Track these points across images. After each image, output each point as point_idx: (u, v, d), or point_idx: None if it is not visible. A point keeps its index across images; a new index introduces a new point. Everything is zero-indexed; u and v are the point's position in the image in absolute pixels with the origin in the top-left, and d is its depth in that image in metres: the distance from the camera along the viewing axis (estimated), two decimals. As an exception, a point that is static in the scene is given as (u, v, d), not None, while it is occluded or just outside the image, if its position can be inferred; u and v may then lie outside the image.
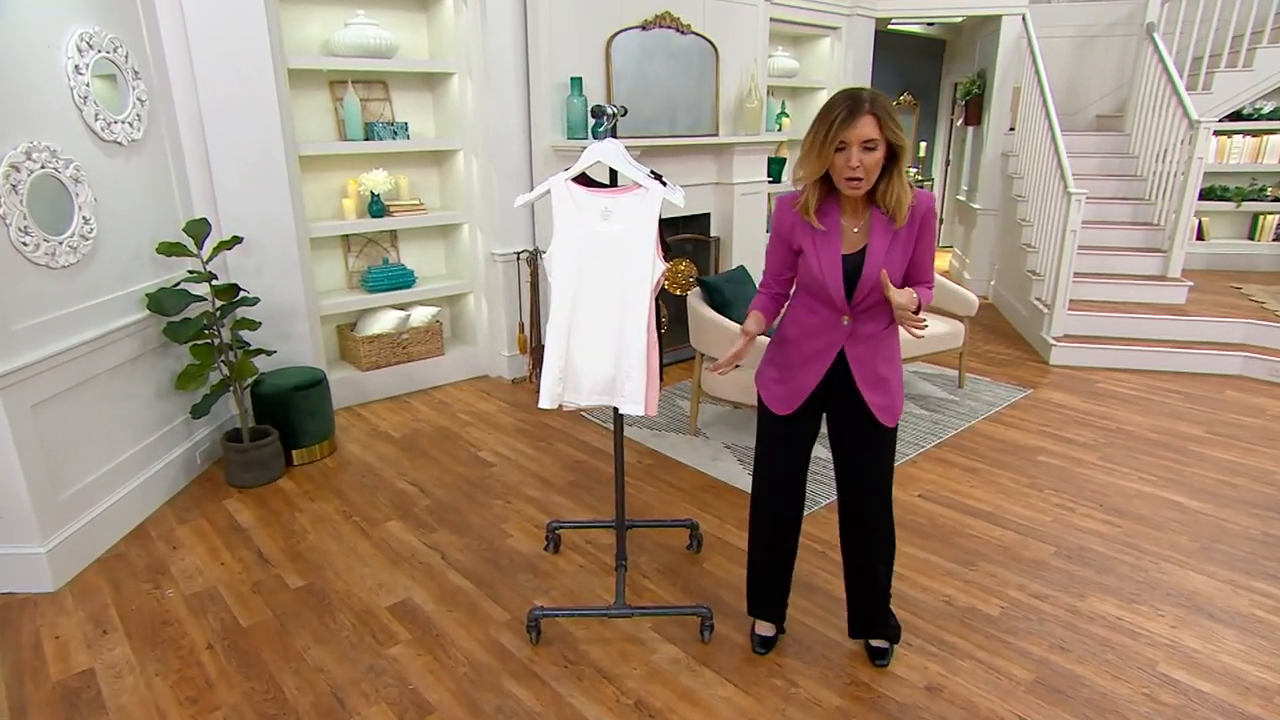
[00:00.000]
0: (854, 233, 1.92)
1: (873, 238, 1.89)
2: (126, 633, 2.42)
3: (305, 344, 3.90)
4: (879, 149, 1.78)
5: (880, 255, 1.88)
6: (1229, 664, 2.26)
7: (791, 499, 2.21)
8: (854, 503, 2.17)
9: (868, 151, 1.77)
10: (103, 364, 2.87)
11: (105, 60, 2.86)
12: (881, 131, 1.77)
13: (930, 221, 1.93)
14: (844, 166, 1.79)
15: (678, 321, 5.04)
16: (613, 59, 4.46)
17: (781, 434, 2.13)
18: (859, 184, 1.81)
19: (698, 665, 2.28)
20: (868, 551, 2.19)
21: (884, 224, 1.89)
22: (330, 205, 4.30)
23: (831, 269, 1.91)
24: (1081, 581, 2.67)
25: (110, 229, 2.92)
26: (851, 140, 1.76)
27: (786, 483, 2.18)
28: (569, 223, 2.02)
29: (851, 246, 1.92)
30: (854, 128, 1.75)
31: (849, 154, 1.78)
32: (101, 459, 2.89)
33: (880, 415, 2.02)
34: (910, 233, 1.90)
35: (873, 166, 1.79)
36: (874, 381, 2.00)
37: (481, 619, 2.49)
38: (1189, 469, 3.53)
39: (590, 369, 2.08)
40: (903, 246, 1.90)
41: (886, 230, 1.89)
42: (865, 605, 2.26)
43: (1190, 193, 5.25)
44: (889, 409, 2.02)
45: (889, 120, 1.77)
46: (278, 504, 3.24)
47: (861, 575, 2.22)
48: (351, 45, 3.94)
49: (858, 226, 1.92)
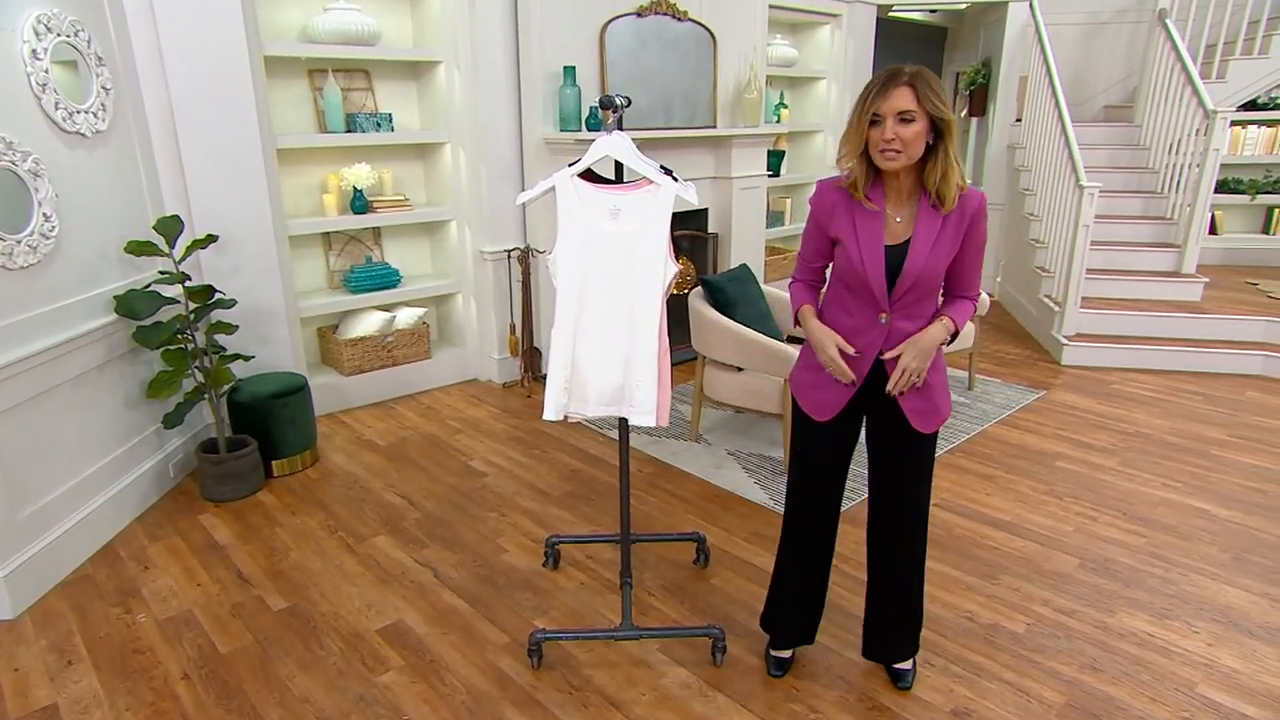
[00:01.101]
0: (897, 222, 1.86)
1: (918, 227, 1.83)
2: (93, 663, 2.31)
3: (285, 348, 3.80)
4: (917, 121, 1.73)
5: (926, 246, 1.82)
6: (1273, 685, 2.21)
7: (831, 510, 2.14)
8: (888, 513, 2.10)
9: (904, 124, 1.73)
10: (66, 371, 2.76)
11: (65, 45, 2.74)
12: (919, 104, 1.72)
13: (981, 222, 1.85)
14: (879, 140, 1.75)
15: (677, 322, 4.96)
16: (607, 47, 4.38)
17: (820, 441, 2.06)
18: (896, 155, 1.75)
19: (710, 690, 2.20)
20: (899, 566, 2.13)
21: (931, 214, 1.82)
22: (310, 201, 4.20)
23: (873, 258, 1.84)
24: (1110, 596, 2.62)
25: (74, 227, 2.81)
26: (886, 112, 1.73)
27: (826, 493, 2.11)
28: (575, 222, 1.93)
29: (895, 237, 1.86)
30: (888, 99, 1.73)
31: (884, 126, 1.74)
32: (65, 474, 2.78)
33: (916, 421, 1.95)
34: (959, 227, 1.83)
35: (910, 139, 1.73)
36: (913, 387, 1.93)
37: (478, 642, 2.41)
38: (1214, 474, 3.48)
39: (597, 377, 2.00)
40: (950, 240, 1.83)
41: (933, 221, 1.82)
42: (889, 624, 2.19)
43: (1206, 185, 5.22)
44: (927, 414, 1.95)
45: (928, 92, 1.73)
46: (257, 519, 3.14)
47: (891, 592, 2.16)
48: (332, 31, 3.84)
49: (901, 216, 1.86)
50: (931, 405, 1.95)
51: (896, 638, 2.20)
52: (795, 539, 2.20)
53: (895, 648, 2.21)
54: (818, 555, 2.20)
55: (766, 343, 3.32)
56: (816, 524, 2.16)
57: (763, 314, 3.71)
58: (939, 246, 1.83)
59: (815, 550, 2.19)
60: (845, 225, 1.87)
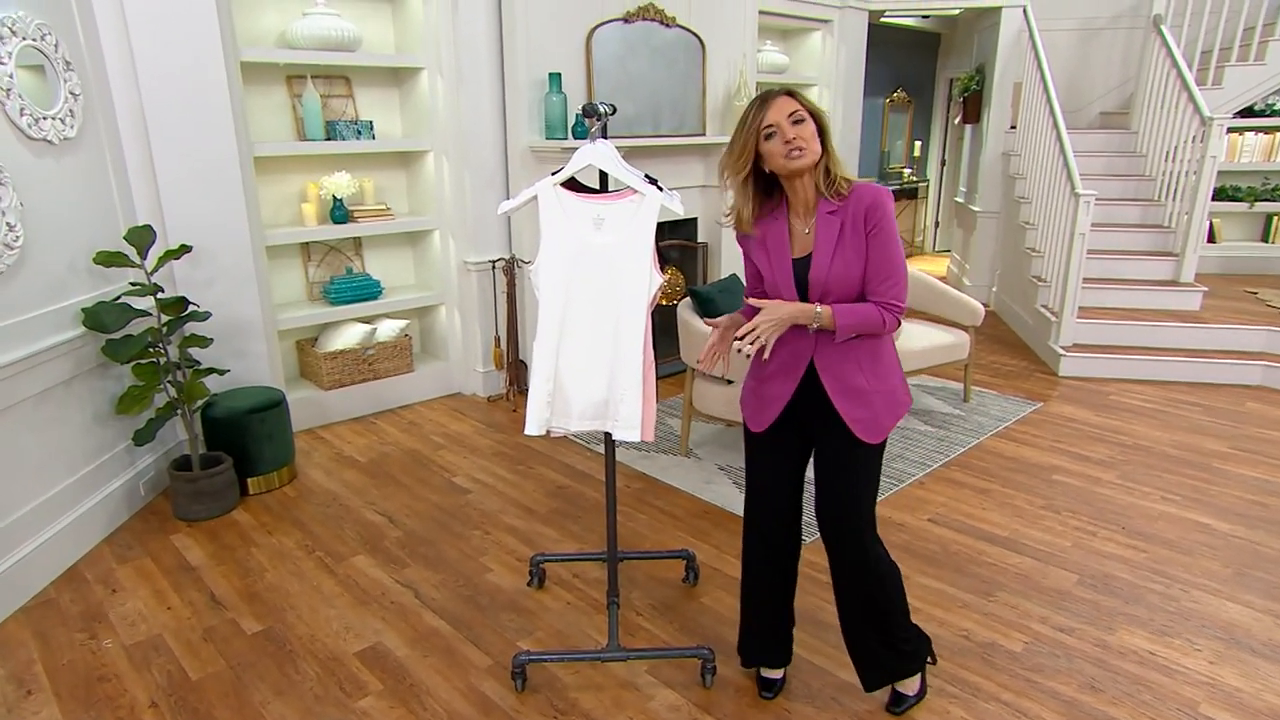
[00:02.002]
0: (805, 234, 1.92)
1: (818, 235, 1.88)
2: (55, 692, 2.27)
3: (262, 362, 3.78)
4: (808, 121, 1.82)
5: (828, 253, 1.86)
6: (1277, 705, 2.21)
7: (780, 526, 2.13)
8: (830, 531, 2.05)
9: (798, 124, 1.80)
10: (30, 387, 2.73)
11: (31, 49, 2.73)
12: (802, 104, 1.83)
13: (879, 216, 1.83)
14: (780, 145, 1.81)
15: (665, 333, 4.96)
16: (594, 53, 4.39)
17: (763, 453, 2.09)
18: (801, 153, 1.80)
19: (699, 713, 2.19)
20: (859, 590, 2.08)
21: (829, 220, 1.87)
22: (288, 210, 4.18)
23: (783, 273, 1.91)
24: (1109, 613, 2.62)
25: (40, 237, 2.78)
26: (778, 119, 1.80)
27: (773, 507, 2.11)
28: (558, 232, 1.93)
29: (803, 249, 1.92)
30: (774, 107, 1.81)
31: (781, 131, 1.80)
32: (28, 494, 2.74)
33: (857, 429, 1.93)
34: (857, 227, 1.85)
35: (810, 137, 1.81)
36: (848, 392, 1.93)
37: (460, 665, 2.39)
38: (1214, 488, 3.50)
39: (581, 391, 1.99)
40: (852, 243, 1.86)
41: (832, 226, 1.87)
42: (872, 653, 2.13)
43: (1203, 193, 5.27)
44: (868, 423, 1.93)
45: (804, 96, 1.86)
46: (232, 539, 3.11)
47: (861, 621, 2.10)
48: (310, 37, 3.84)
49: (808, 228, 1.91)
50: (871, 414, 1.93)
51: (887, 659, 2.15)
52: (751, 557, 2.20)
53: (889, 669, 2.17)
54: (774, 573, 2.18)
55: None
56: (769, 540, 2.15)
57: (753, 325, 3.71)
58: (841, 251, 1.86)
59: (771, 568, 2.17)
60: (760, 250, 1.95)
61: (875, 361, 1.95)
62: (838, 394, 1.93)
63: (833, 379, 1.93)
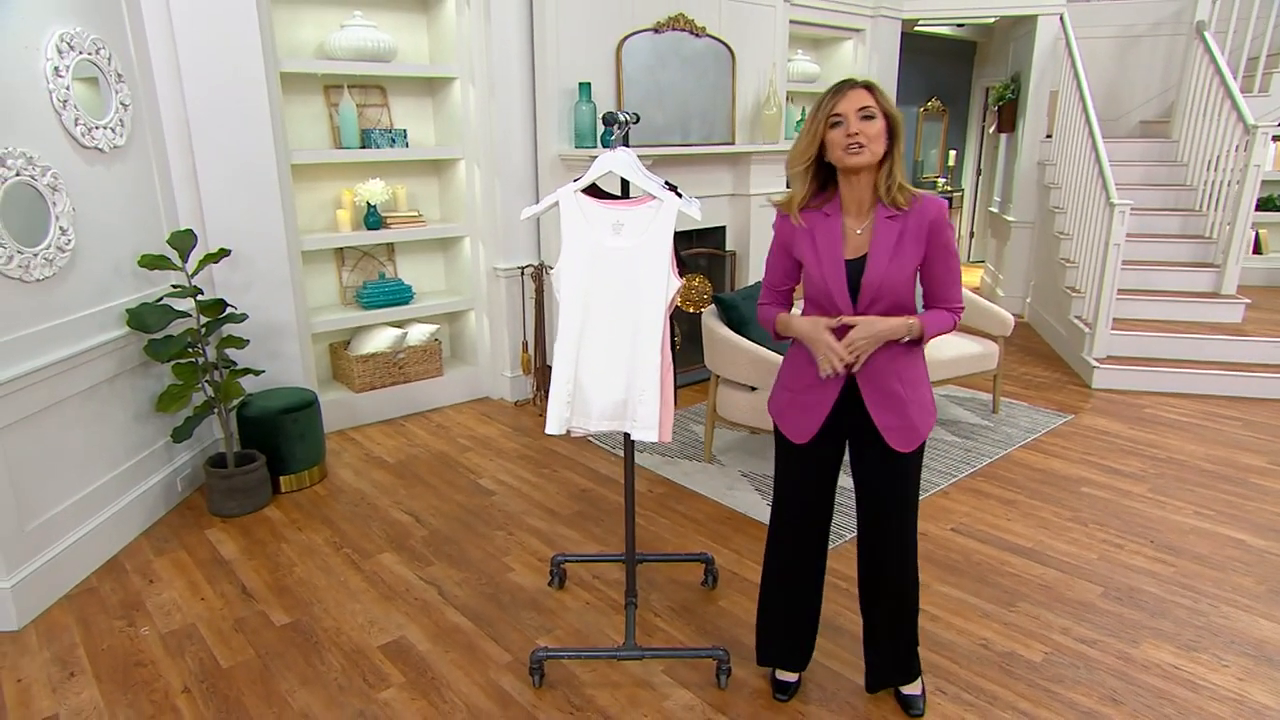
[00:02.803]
0: (857, 234, 1.91)
1: (875, 237, 1.87)
2: (95, 674, 2.38)
3: (295, 364, 3.90)
4: (878, 118, 1.80)
5: (885, 256, 1.86)
6: (1301, 719, 2.19)
7: (814, 535, 2.16)
8: (872, 536, 2.11)
9: (866, 120, 1.79)
10: (77, 384, 2.86)
11: (87, 62, 2.88)
12: (877, 101, 1.81)
13: (944, 229, 1.88)
14: (842, 137, 1.81)
15: (691, 341, 5.01)
16: (623, 63, 4.47)
17: (801, 463, 2.09)
18: (860, 150, 1.80)
19: (713, 713, 2.22)
20: (888, 596, 2.14)
21: (888, 224, 1.87)
22: (324, 217, 4.32)
23: (835, 273, 1.89)
24: (1134, 626, 2.60)
25: (89, 240, 2.93)
26: (847, 110, 1.80)
27: (809, 517, 2.13)
28: (578, 237, 2.00)
29: (855, 251, 1.90)
30: (847, 98, 1.81)
31: (847, 124, 1.80)
32: (73, 487, 2.88)
33: (891, 439, 1.96)
34: (919, 236, 1.86)
35: (874, 135, 1.80)
36: (886, 402, 1.95)
37: (481, 660, 2.45)
38: (1251, 503, 3.44)
39: (600, 392, 2.05)
40: (910, 249, 1.87)
41: (890, 230, 1.86)
42: (884, 655, 2.20)
43: (1246, 203, 5.19)
44: (904, 432, 1.96)
45: (883, 94, 1.83)
46: (263, 534, 3.22)
47: (883, 624, 2.17)
48: (348, 48, 3.98)
49: (862, 228, 1.90)
50: (908, 423, 1.96)
51: (898, 663, 2.20)
52: (779, 564, 2.21)
53: (899, 672, 2.21)
54: (802, 580, 2.20)
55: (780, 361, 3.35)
56: (801, 549, 2.17)
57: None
58: (898, 256, 1.86)
59: (800, 575, 2.20)
60: (807, 244, 1.93)
61: (912, 371, 1.97)
62: (875, 404, 1.95)
63: (872, 389, 1.94)
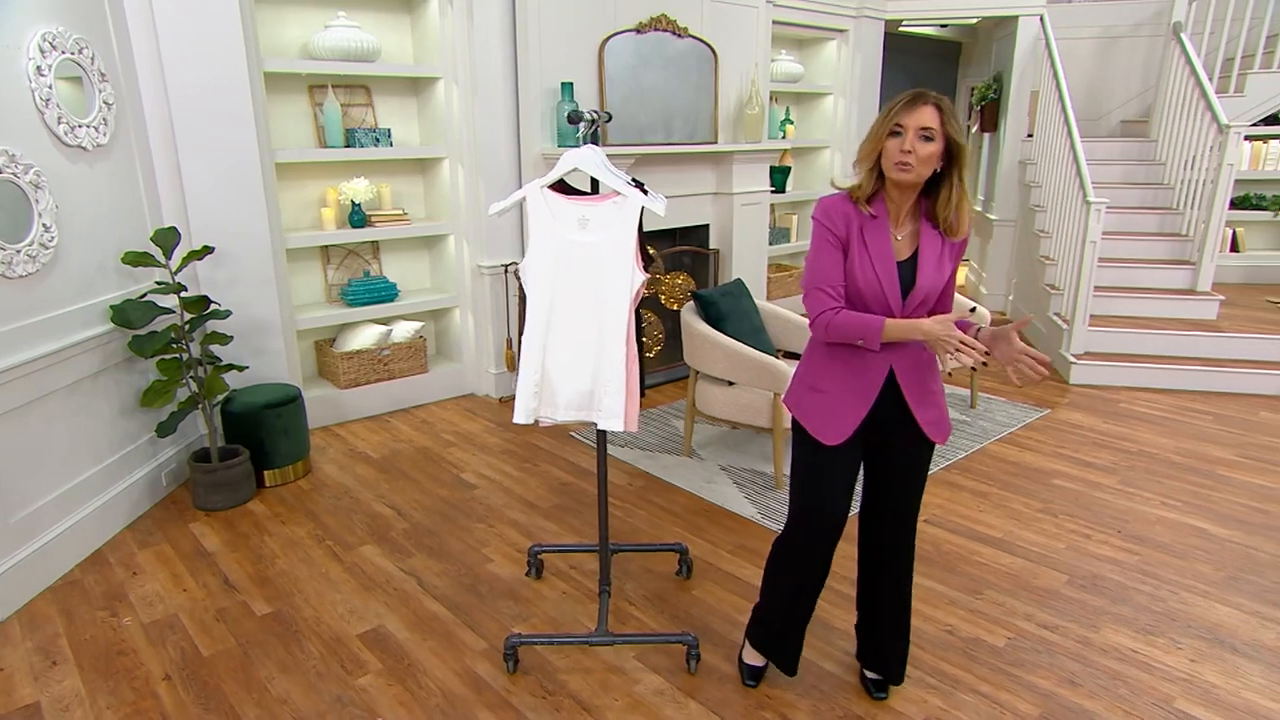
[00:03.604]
0: (898, 240, 1.94)
1: (923, 245, 1.91)
2: (77, 663, 2.44)
3: (280, 360, 3.95)
4: (935, 141, 1.81)
5: (932, 263, 1.90)
6: (1252, 701, 2.26)
7: (835, 537, 2.16)
8: (886, 529, 2.16)
9: (924, 141, 1.80)
10: (61, 379, 2.91)
11: (70, 62, 2.93)
12: (941, 124, 1.81)
13: (964, 248, 1.98)
14: (895, 150, 1.82)
15: (674, 338, 5.08)
16: (606, 63, 4.53)
17: (831, 465, 2.07)
18: (908, 169, 1.82)
19: (683, 697, 2.29)
20: (895, 583, 2.20)
21: (933, 234, 1.91)
22: (309, 215, 4.37)
23: (887, 274, 1.89)
24: (1095, 612, 2.67)
25: (73, 237, 2.98)
26: (909, 125, 1.80)
27: (834, 516, 2.11)
28: (545, 231, 2.06)
29: (901, 254, 1.94)
30: (913, 113, 1.81)
31: (904, 139, 1.81)
32: (57, 480, 2.93)
33: (931, 432, 2.03)
34: (955, 251, 1.93)
35: (926, 158, 1.81)
36: (924, 397, 2.01)
37: (457, 648, 2.51)
38: (1216, 494, 3.52)
39: (567, 383, 2.12)
40: (949, 261, 1.92)
41: (935, 240, 1.91)
42: (888, 638, 2.26)
43: (1220, 201, 5.28)
44: (940, 424, 2.05)
45: (952, 118, 1.82)
46: (246, 527, 3.27)
47: (890, 609, 2.23)
48: (332, 48, 4.03)
49: (902, 234, 1.93)
50: (942, 416, 2.05)
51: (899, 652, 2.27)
52: (793, 566, 2.20)
53: (889, 664, 2.27)
54: (815, 582, 2.22)
55: (756, 357, 3.42)
56: (819, 552, 2.16)
57: (755, 328, 3.81)
58: (941, 265, 1.92)
59: (814, 577, 2.21)
60: (858, 240, 1.92)
61: (934, 367, 2.05)
62: (915, 400, 2.00)
63: (911, 385, 1.99)
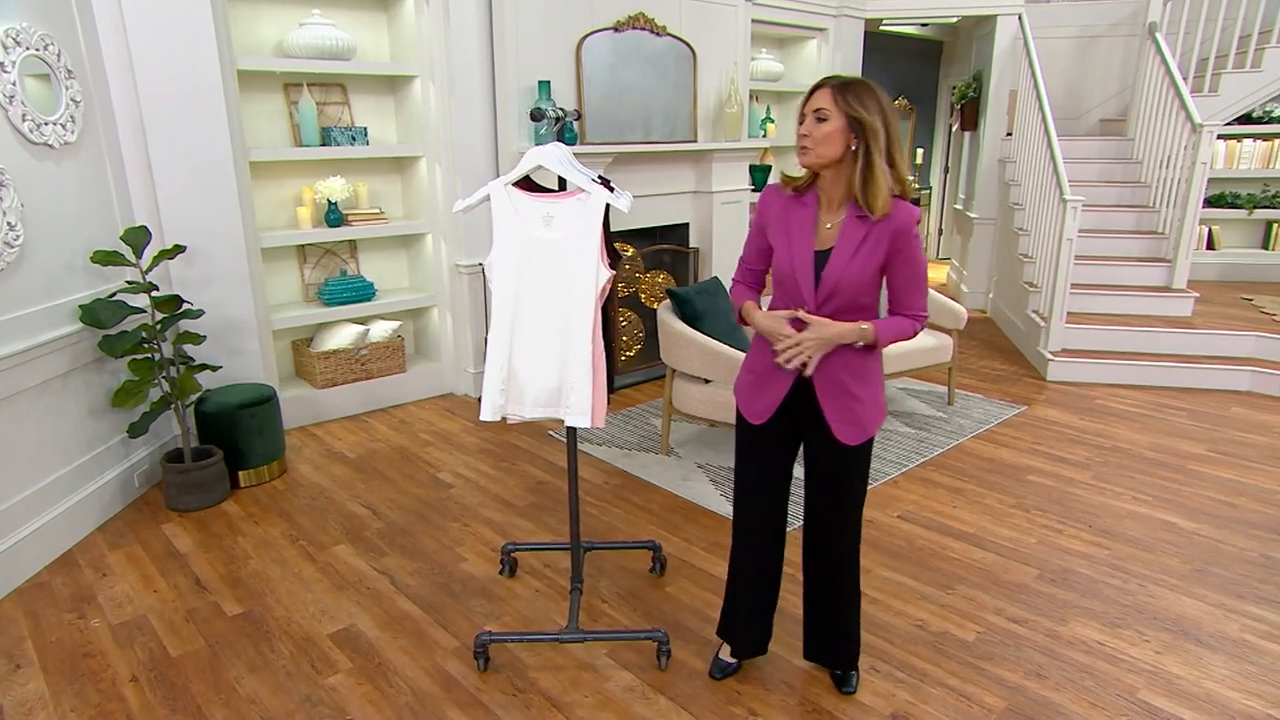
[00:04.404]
0: (827, 229, 1.97)
1: (841, 234, 1.93)
2: (42, 666, 2.42)
3: (255, 360, 3.94)
4: (831, 120, 1.85)
5: (847, 253, 1.92)
6: (1213, 690, 2.29)
7: (774, 517, 2.22)
8: (815, 526, 2.20)
9: (818, 122, 1.86)
10: (29, 379, 2.89)
11: (35, 58, 2.91)
12: (836, 103, 1.84)
13: (908, 239, 1.91)
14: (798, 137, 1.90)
15: (654, 336, 5.09)
16: (583, 62, 4.54)
17: (758, 444, 2.16)
18: (805, 151, 1.90)
19: (653, 693, 2.30)
20: (828, 583, 2.23)
21: (856, 223, 1.93)
22: (284, 214, 4.36)
23: (802, 261, 1.95)
24: (1064, 605, 2.70)
25: (39, 236, 2.95)
26: (806, 110, 1.90)
27: (768, 499, 2.19)
28: (509, 229, 2.07)
29: (824, 243, 1.97)
30: (810, 99, 1.90)
31: (804, 124, 1.89)
32: (25, 482, 2.90)
33: (838, 431, 2.03)
34: (882, 242, 1.91)
35: (822, 138, 1.86)
36: (836, 394, 2.02)
37: (428, 646, 2.51)
38: (1187, 489, 3.56)
39: (534, 380, 2.12)
40: (872, 252, 1.91)
41: (857, 230, 1.92)
42: (828, 633, 2.30)
43: (1194, 200, 5.33)
44: (851, 426, 2.03)
45: (849, 95, 1.84)
46: (219, 528, 3.26)
47: (824, 610, 2.26)
48: (306, 46, 4.01)
49: (832, 223, 1.97)
50: (854, 418, 2.03)
51: (835, 647, 2.30)
52: (741, 546, 2.30)
53: (834, 655, 2.31)
54: (765, 561, 2.28)
55: (732, 354, 3.44)
56: (760, 530, 2.25)
57: (731, 326, 3.83)
58: (860, 256, 1.92)
59: (761, 556, 2.27)
60: (781, 227, 2.00)
61: (864, 368, 2.02)
62: (826, 396, 2.02)
63: (824, 380, 2.01)
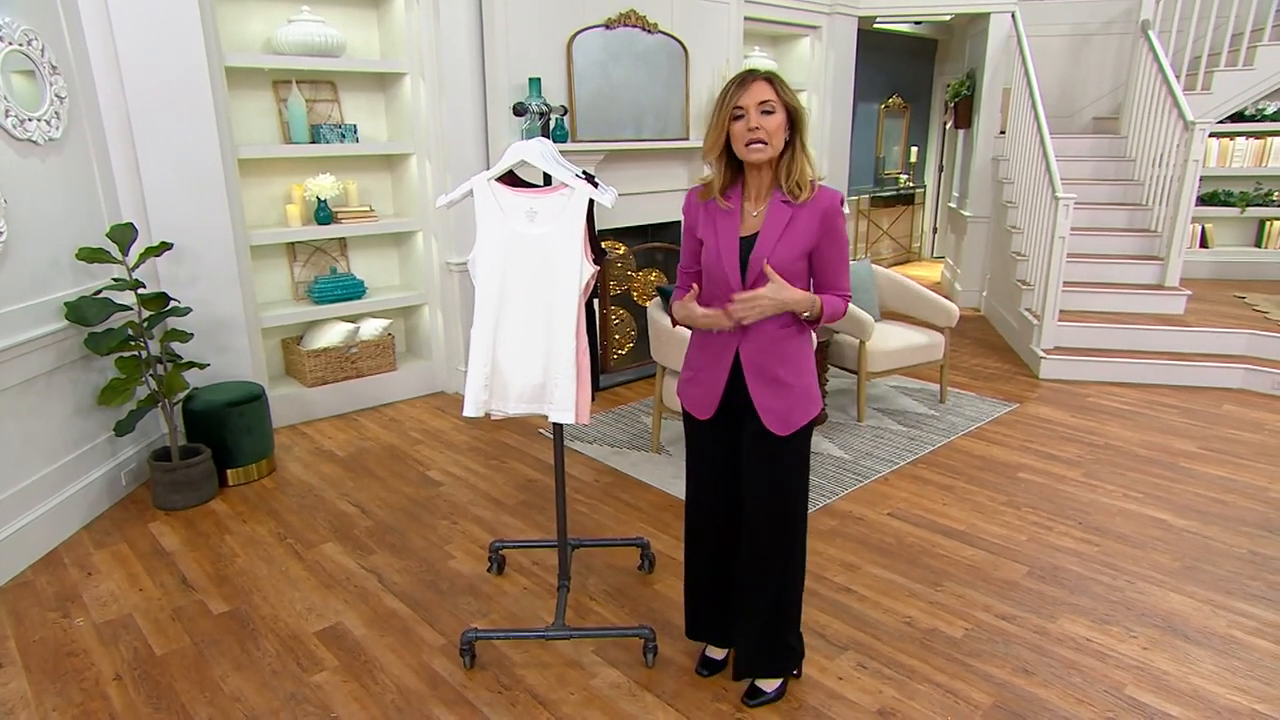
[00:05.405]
0: (753, 216, 2.00)
1: (767, 219, 1.96)
2: (25, 665, 2.41)
3: (244, 358, 3.93)
4: (777, 112, 1.88)
5: (773, 237, 1.94)
6: (1200, 686, 2.29)
7: (724, 509, 2.22)
8: (750, 523, 2.15)
9: (766, 115, 1.87)
10: (12, 377, 2.88)
11: (18, 54, 2.90)
12: (777, 94, 1.88)
13: (836, 220, 1.97)
14: (743, 131, 1.89)
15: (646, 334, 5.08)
16: (574, 59, 4.54)
17: (704, 440, 2.17)
18: (762, 146, 1.89)
19: (639, 690, 2.29)
20: (755, 583, 2.18)
21: (781, 208, 1.95)
22: (274, 212, 4.35)
23: (728, 248, 1.97)
24: (1053, 602, 2.70)
25: (24, 233, 2.94)
26: (748, 104, 1.87)
27: (716, 491, 2.20)
28: (492, 224, 2.07)
29: (749, 229, 1.99)
30: (749, 91, 1.88)
31: (748, 117, 1.88)
32: (9, 480, 2.89)
33: (768, 420, 2.02)
34: (810, 224, 1.94)
35: (774, 130, 1.88)
36: (767, 384, 2.01)
37: (415, 644, 2.51)
38: (1178, 486, 3.57)
39: (517, 376, 2.12)
40: (800, 235, 1.94)
41: (783, 214, 1.95)
42: (746, 637, 2.24)
43: (1186, 197, 5.35)
44: (781, 415, 2.01)
45: (783, 86, 1.90)
46: (207, 526, 3.25)
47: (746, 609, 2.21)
48: (296, 43, 4.01)
49: (758, 210, 1.99)
50: (784, 406, 2.01)
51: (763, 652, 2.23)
52: (693, 538, 2.30)
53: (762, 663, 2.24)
54: (717, 553, 2.26)
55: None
56: (711, 522, 2.24)
57: (722, 323, 3.83)
58: (786, 239, 1.94)
59: (713, 548, 2.26)
60: (708, 225, 2.03)
61: (797, 357, 2.04)
62: (756, 383, 2.02)
63: (754, 369, 2.02)
